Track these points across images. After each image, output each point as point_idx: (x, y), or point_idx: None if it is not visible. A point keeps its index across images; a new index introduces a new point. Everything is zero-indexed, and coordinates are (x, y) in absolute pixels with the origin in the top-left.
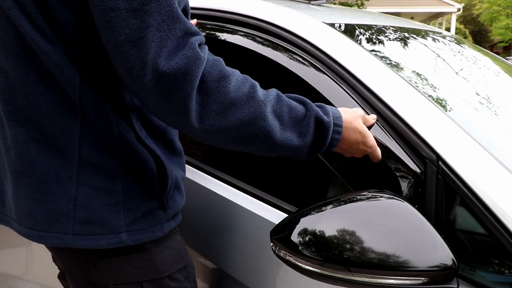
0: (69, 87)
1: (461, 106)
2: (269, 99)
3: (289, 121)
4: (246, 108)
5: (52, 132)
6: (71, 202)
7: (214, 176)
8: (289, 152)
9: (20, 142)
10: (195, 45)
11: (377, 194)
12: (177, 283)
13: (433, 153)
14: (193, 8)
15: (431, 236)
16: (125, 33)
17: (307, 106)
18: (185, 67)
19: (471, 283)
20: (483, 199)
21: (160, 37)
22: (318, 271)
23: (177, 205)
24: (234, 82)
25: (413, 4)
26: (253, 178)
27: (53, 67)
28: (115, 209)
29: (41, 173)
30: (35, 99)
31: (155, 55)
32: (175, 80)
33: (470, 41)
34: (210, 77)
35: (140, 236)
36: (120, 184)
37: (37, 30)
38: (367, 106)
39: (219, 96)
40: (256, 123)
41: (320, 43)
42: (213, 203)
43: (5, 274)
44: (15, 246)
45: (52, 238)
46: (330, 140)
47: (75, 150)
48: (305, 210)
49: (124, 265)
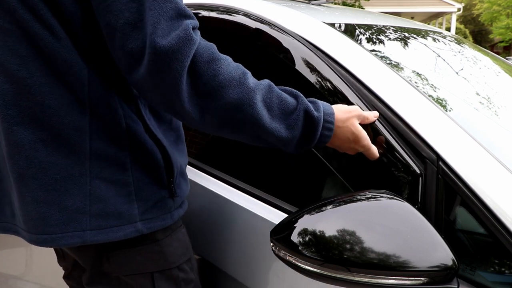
0: (77, 83)
1: (461, 106)
2: (259, 88)
3: (278, 112)
4: (235, 92)
5: (62, 130)
6: (86, 197)
7: (214, 176)
8: (277, 143)
9: (26, 145)
10: (189, 27)
11: (377, 194)
12: (185, 274)
13: (433, 153)
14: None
15: (431, 236)
16: (125, 16)
17: (298, 100)
18: (177, 47)
19: (471, 283)
20: (483, 199)
21: (152, 16)
22: (318, 271)
23: (183, 193)
24: (225, 66)
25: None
26: (253, 178)
27: (61, 64)
28: (128, 200)
29: (53, 172)
30: (42, 99)
31: (151, 34)
32: (166, 58)
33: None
34: (201, 58)
35: (154, 224)
36: (131, 175)
37: (45, 28)
38: (367, 106)
39: (208, 78)
40: (244, 108)
41: (320, 43)
42: (213, 203)
43: (5, 274)
44: (15, 246)
45: (68, 238)
46: (320, 136)
47: (86, 146)
48: (305, 210)
49: (136, 256)
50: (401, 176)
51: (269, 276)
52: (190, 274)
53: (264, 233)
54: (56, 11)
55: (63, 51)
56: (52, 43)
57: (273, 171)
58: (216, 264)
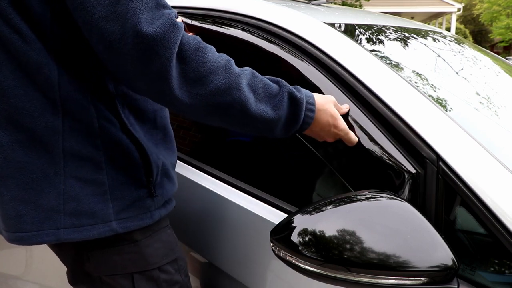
0: (48, 85)
1: (461, 106)
2: (244, 73)
3: (263, 95)
4: (222, 77)
5: (36, 131)
6: (60, 196)
7: (214, 176)
8: (264, 126)
9: (5, 146)
10: (172, 16)
11: (377, 194)
12: (168, 275)
13: (433, 153)
14: (193, 8)
15: (431, 236)
16: (97, 11)
17: (280, 83)
18: (163, 34)
19: (471, 283)
20: (483, 199)
21: (134, 7)
22: (318, 271)
23: (166, 193)
24: (211, 54)
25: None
26: (253, 178)
27: (31, 66)
28: (103, 199)
29: (29, 172)
30: (16, 101)
31: (134, 23)
32: (154, 45)
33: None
34: (189, 46)
35: (130, 223)
36: (105, 174)
37: (15, 32)
38: (367, 106)
39: (197, 65)
40: (232, 92)
41: (320, 43)
42: (213, 203)
43: (5, 274)
44: (15, 246)
45: (44, 235)
46: (304, 117)
47: (59, 146)
48: (305, 210)
49: (115, 256)
50: (401, 176)
51: (269, 276)
52: (175, 276)
53: (264, 233)
54: (24, 14)
55: (33, 54)
56: (22, 46)
57: (273, 171)
58: (216, 264)
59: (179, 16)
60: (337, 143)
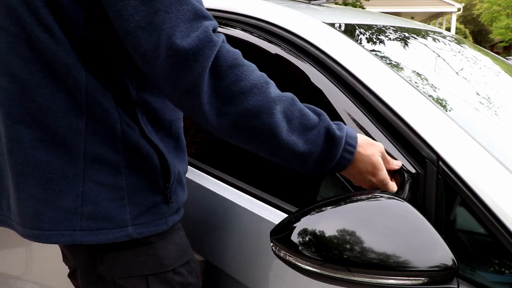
0: (76, 86)
1: (461, 106)
2: (281, 99)
3: (298, 126)
4: (255, 100)
5: (59, 131)
6: (78, 198)
7: (214, 176)
8: (293, 158)
9: (26, 143)
10: (209, 29)
11: (377, 194)
12: (181, 277)
13: (433, 153)
14: None
15: (431, 236)
16: (135, 20)
17: (321, 117)
18: (197, 48)
19: (471, 283)
20: (483, 199)
21: (170, 19)
22: (318, 271)
23: (179, 199)
24: (248, 73)
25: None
26: (253, 178)
27: (60, 67)
28: (121, 204)
29: (48, 172)
30: (41, 100)
31: (169, 36)
32: (187, 60)
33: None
34: (224, 62)
35: (146, 229)
36: (124, 179)
37: (46, 32)
38: (367, 106)
39: (229, 83)
40: (262, 117)
41: (320, 43)
42: (213, 203)
43: (5, 274)
44: (15, 246)
45: (60, 236)
46: (340, 158)
47: (81, 148)
48: (305, 210)
49: (131, 258)
50: (401, 176)
51: (269, 276)
52: (188, 278)
53: (264, 233)
54: (57, 15)
55: (62, 54)
56: (52, 46)
57: (273, 171)
58: (215, 264)
59: None
60: None
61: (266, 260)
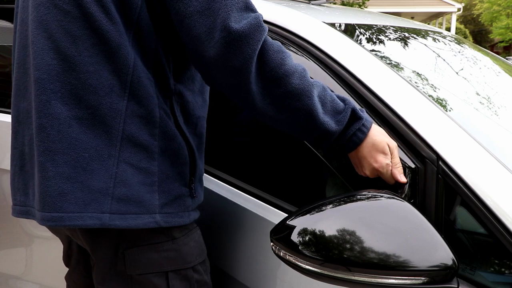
0: (123, 66)
1: (461, 106)
2: (317, 84)
3: (330, 108)
4: (297, 83)
5: (99, 110)
6: (111, 179)
7: (214, 176)
8: (323, 137)
9: (61, 120)
10: (259, 17)
11: (377, 194)
12: (199, 276)
13: (433, 153)
14: None
15: (431, 236)
16: (193, 5)
17: (346, 102)
18: (249, 31)
19: (471, 283)
20: (483, 199)
21: (226, 5)
22: (318, 271)
23: (199, 197)
24: (290, 59)
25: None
26: (253, 178)
27: (111, 46)
28: (151, 189)
29: (82, 150)
30: (85, 77)
31: (224, 19)
32: (239, 41)
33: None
34: (272, 47)
35: (172, 219)
36: (157, 165)
37: (103, 12)
38: (367, 106)
39: (275, 66)
40: (303, 98)
41: (320, 43)
42: (213, 203)
43: (5, 274)
44: (15, 246)
45: (87, 218)
46: (352, 135)
47: (120, 129)
48: (305, 210)
49: (153, 253)
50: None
51: (269, 275)
52: (204, 277)
53: (264, 233)
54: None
55: (115, 34)
56: (107, 25)
57: (273, 171)
58: (215, 264)
59: None
60: None
61: (266, 259)
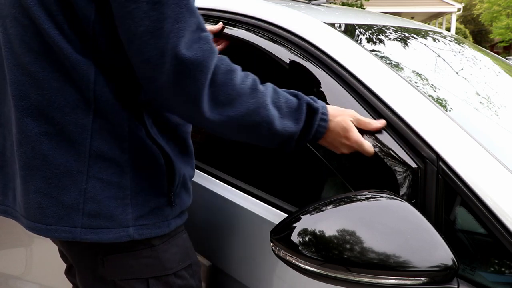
0: (84, 83)
1: (461, 106)
2: (268, 91)
3: (286, 110)
4: (251, 98)
5: (65, 126)
6: (81, 195)
7: (214, 176)
8: (288, 139)
9: (33, 137)
10: (210, 39)
11: (377, 194)
12: (182, 281)
13: (433, 153)
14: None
15: (431, 236)
16: (145, 24)
17: (299, 96)
18: (202, 58)
19: (471, 283)
20: (483, 199)
21: (178, 28)
22: (318, 271)
23: (183, 203)
24: (239, 75)
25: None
26: (253, 178)
27: (69, 63)
28: (123, 203)
29: (53, 166)
30: (50, 94)
31: (175, 46)
32: (192, 70)
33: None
34: (219, 70)
35: (147, 231)
36: (129, 179)
37: (56, 28)
38: (367, 106)
39: (227, 88)
40: (260, 112)
41: (320, 43)
42: (213, 203)
43: (5, 274)
44: (15, 246)
45: (61, 231)
46: (317, 126)
47: (87, 145)
48: (305, 210)
49: (131, 261)
50: (401, 176)
51: (269, 276)
52: (190, 281)
53: (264, 233)
54: (68, 12)
55: (72, 51)
56: (61, 42)
57: (273, 171)
58: (215, 264)
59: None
60: None
61: (266, 260)
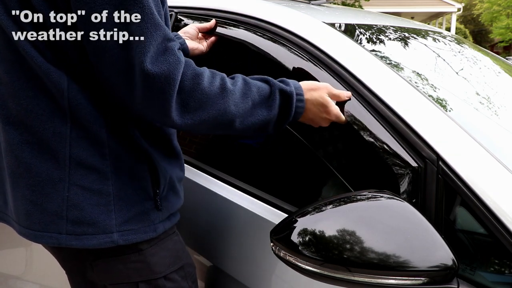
0: (57, 91)
1: (461, 106)
2: (238, 85)
3: (258, 99)
4: (221, 99)
5: (44, 135)
6: (64, 203)
7: (213, 176)
8: (262, 126)
9: (15, 145)
10: (175, 49)
11: (377, 194)
12: (174, 283)
13: (433, 153)
14: (193, 8)
15: (431, 236)
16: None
17: (270, 82)
18: (168, 71)
19: (471, 283)
20: (483, 199)
21: (143, 43)
22: (318, 271)
23: (172, 206)
24: (206, 79)
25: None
26: (253, 177)
27: (40, 72)
28: (106, 210)
29: (36, 174)
30: (26, 103)
31: (141, 61)
32: (159, 83)
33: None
34: (186, 76)
35: (132, 236)
36: (111, 184)
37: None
38: (367, 106)
39: (195, 93)
40: (231, 110)
41: (320, 43)
42: (213, 203)
43: (5, 274)
44: (15, 246)
45: (47, 237)
46: (296, 108)
47: (66, 153)
48: (305, 210)
49: (119, 265)
50: (401, 176)
51: (269, 276)
52: (182, 283)
53: (264, 233)
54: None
55: (42, 60)
56: (30, 51)
57: (273, 171)
58: (215, 264)
59: (213, 19)
60: (337, 144)
61: (266, 260)
